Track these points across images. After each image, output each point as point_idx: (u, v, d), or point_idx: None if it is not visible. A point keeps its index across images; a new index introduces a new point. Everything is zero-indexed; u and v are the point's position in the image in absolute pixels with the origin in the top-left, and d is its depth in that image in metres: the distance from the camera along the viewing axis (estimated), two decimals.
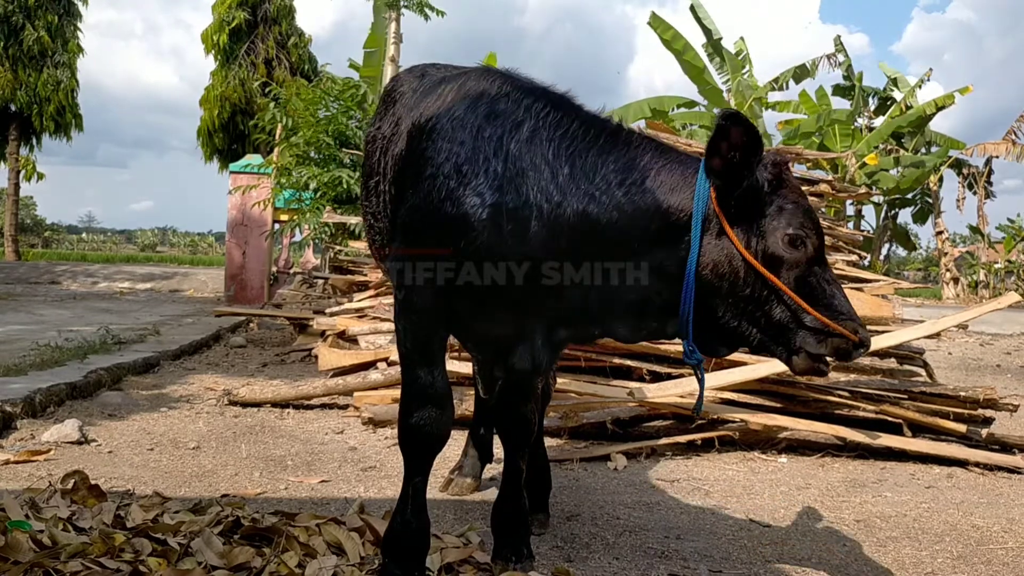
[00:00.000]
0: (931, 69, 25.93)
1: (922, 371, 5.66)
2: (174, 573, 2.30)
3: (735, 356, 5.05)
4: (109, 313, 12.82)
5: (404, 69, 3.37)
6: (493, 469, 4.06)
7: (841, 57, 25.78)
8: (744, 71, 24.54)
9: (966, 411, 4.98)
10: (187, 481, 3.91)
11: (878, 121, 27.78)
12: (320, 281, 11.92)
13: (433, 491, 3.49)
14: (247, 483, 3.93)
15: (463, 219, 2.47)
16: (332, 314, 7.41)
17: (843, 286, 5.20)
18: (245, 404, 5.76)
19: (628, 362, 5.23)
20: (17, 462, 4.02)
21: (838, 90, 26.78)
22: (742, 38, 25.14)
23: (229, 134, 26.30)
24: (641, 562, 3.01)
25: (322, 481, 4.01)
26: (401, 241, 2.70)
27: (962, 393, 5.03)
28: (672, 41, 23.68)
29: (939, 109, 24.76)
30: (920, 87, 25.03)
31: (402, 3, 15.13)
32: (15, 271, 22.60)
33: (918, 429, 4.95)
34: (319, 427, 5.24)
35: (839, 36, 26.32)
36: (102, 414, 5.28)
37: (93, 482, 3.12)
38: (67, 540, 2.48)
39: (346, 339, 6.70)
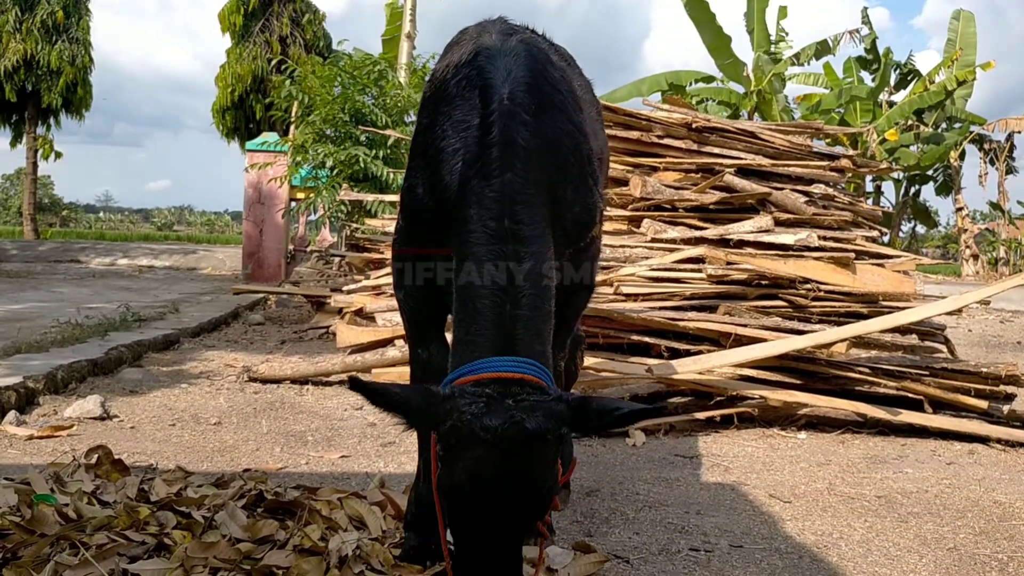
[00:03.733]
0: (960, 49, 25.10)
1: (943, 347, 5.62)
2: (199, 545, 2.32)
3: (754, 332, 5.04)
4: (128, 291, 12.91)
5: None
6: None
7: (865, 30, 25.36)
8: (774, 46, 24.19)
9: (987, 387, 4.93)
10: (209, 456, 3.94)
11: (898, 96, 27.36)
12: (337, 259, 11.94)
13: None
14: (268, 458, 3.95)
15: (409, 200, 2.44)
16: (349, 292, 7.44)
17: (864, 262, 5.20)
18: (265, 380, 5.80)
19: (646, 339, 5.22)
20: (41, 437, 4.07)
21: (861, 62, 26.36)
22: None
23: (244, 112, 26.28)
24: (661, 537, 3.01)
25: (342, 456, 4.03)
26: None
27: (983, 369, 4.98)
28: (698, 12, 23.31)
29: (960, 84, 24.37)
30: (949, 66, 24.52)
31: None
32: (34, 249, 22.75)
33: (939, 405, 4.92)
34: (338, 403, 5.27)
35: (865, 8, 25.87)
36: (123, 390, 5.33)
37: (116, 457, 3.14)
38: (92, 513, 2.50)
39: (363, 316, 6.73)
